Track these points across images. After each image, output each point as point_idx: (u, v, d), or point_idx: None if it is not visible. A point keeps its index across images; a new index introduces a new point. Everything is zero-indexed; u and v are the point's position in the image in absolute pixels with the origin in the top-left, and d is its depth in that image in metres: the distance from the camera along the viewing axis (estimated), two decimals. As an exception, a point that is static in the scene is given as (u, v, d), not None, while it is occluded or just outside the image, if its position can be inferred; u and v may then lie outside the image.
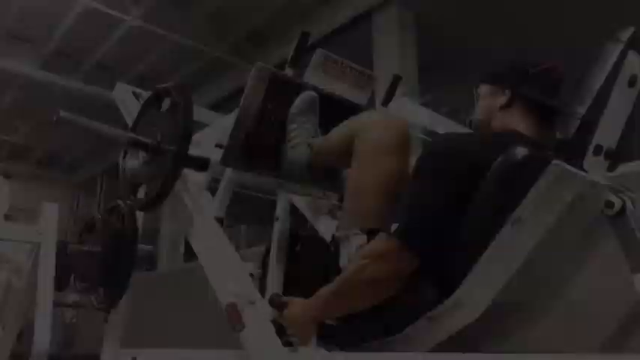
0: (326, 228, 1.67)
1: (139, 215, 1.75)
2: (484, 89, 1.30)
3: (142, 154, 1.53)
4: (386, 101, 1.89)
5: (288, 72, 1.56)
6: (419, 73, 3.58)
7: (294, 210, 1.82)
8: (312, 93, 1.53)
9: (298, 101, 1.51)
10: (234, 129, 1.45)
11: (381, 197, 1.15)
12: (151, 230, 6.31)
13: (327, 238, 1.61)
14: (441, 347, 1.02)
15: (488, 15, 3.79)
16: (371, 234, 1.12)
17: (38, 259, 2.41)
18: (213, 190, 1.59)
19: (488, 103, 1.27)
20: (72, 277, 1.81)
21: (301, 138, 1.48)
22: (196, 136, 1.57)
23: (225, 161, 1.47)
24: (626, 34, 0.97)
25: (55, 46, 4.72)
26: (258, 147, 1.49)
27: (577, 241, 1.13)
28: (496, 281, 0.94)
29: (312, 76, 1.60)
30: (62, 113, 1.37)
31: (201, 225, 1.42)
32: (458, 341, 1.03)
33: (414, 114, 3.60)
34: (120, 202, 1.76)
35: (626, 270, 0.85)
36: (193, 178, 1.56)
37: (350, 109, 1.62)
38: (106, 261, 1.64)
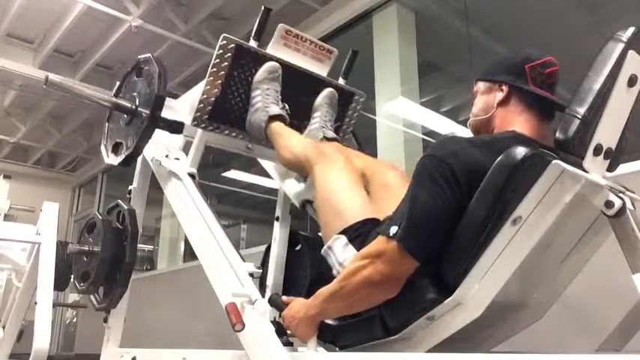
0: (293, 190, 1.82)
1: (139, 215, 1.75)
2: (481, 86, 1.29)
3: (122, 117, 1.69)
4: (345, 74, 1.95)
5: (252, 43, 1.67)
6: (419, 73, 3.58)
7: (294, 210, 1.82)
8: (275, 63, 1.67)
9: (262, 70, 1.65)
10: (203, 93, 1.61)
11: (346, 202, 1.28)
12: (151, 230, 6.31)
13: (295, 200, 1.80)
14: (441, 347, 1.02)
15: (489, 14, 3.78)
16: (345, 233, 1.21)
17: (38, 259, 2.42)
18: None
19: (486, 99, 1.26)
20: (72, 277, 1.81)
21: (262, 103, 1.63)
22: (173, 103, 1.77)
23: (195, 122, 1.63)
24: (626, 34, 0.97)
25: (55, 46, 4.71)
26: (225, 110, 1.65)
27: (577, 240, 1.13)
28: (496, 281, 0.94)
29: (274, 49, 1.74)
30: (51, 76, 1.52)
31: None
32: (458, 341, 1.03)
33: (414, 114, 3.62)
34: (120, 202, 1.77)
35: (626, 270, 0.85)
36: (170, 141, 1.74)
37: (309, 79, 1.77)
38: (106, 261, 1.64)
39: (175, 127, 1.66)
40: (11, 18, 4.31)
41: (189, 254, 5.21)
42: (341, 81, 1.92)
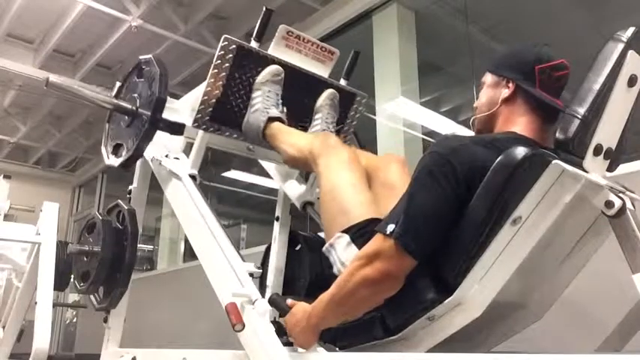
0: (294, 191, 1.82)
1: (139, 215, 1.75)
2: (489, 78, 1.27)
3: (123, 119, 1.68)
4: (347, 75, 1.95)
5: (254, 44, 1.66)
6: (419, 73, 3.58)
7: (294, 210, 1.82)
8: (279, 67, 1.65)
9: (265, 72, 1.64)
10: (204, 94, 1.59)
11: (351, 202, 1.26)
12: (151, 230, 6.31)
13: (296, 202, 1.79)
14: (441, 347, 1.02)
15: (489, 14, 3.79)
16: (348, 232, 1.20)
17: (38, 259, 2.42)
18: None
19: (492, 94, 1.24)
20: (72, 277, 1.81)
21: (262, 104, 1.62)
22: (174, 104, 1.76)
23: (196, 123, 1.61)
24: (626, 34, 0.97)
25: (55, 46, 4.71)
26: (226, 112, 1.64)
27: (577, 240, 1.13)
28: (496, 281, 0.94)
29: (276, 50, 1.73)
30: (51, 78, 1.51)
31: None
32: (458, 341, 1.03)
33: (414, 114, 3.62)
34: (120, 202, 1.77)
35: (626, 270, 0.85)
36: (171, 142, 1.74)
37: (311, 81, 1.76)
38: (106, 261, 1.64)
39: (176, 128, 1.65)
40: (11, 18, 4.31)
41: (189, 254, 5.21)
42: (342, 82, 1.91)
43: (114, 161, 1.67)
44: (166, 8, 4.19)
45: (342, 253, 1.19)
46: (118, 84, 1.80)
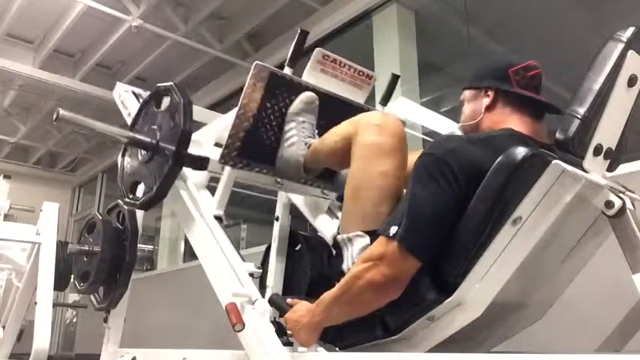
0: (325, 227, 1.63)
1: (139, 215, 1.75)
2: (467, 94, 1.31)
3: (141, 153, 1.54)
4: (385, 100, 1.88)
5: (287, 71, 1.55)
6: (419, 73, 3.58)
7: (294, 210, 1.82)
8: (312, 94, 1.51)
9: (297, 101, 1.50)
10: (232, 128, 1.44)
11: (381, 198, 1.15)
12: (151, 230, 6.31)
13: (327, 237, 1.59)
14: (441, 347, 1.02)
15: (489, 14, 3.79)
16: (373, 235, 1.11)
17: (38, 259, 2.42)
18: (213, 189, 1.59)
19: (473, 107, 1.28)
20: (72, 277, 1.81)
21: (298, 137, 1.47)
22: (195, 135, 1.56)
23: (223, 160, 1.46)
24: (626, 34, 0.97)
25: (55, 46, 4.71)
26: (256, 146, 1.48)
27: (577, 240, 1.13)
28: (496, 281, 0.94)
29: (311, 75, 1.62)
30: (62, 112, 1.37)
31: (201, 224, 1.42)
32: (458, 341, 1.03)
33: (414, 114, 3.62)
34: (120, 202, 1.76)
35: (626, 270, 0.85)
36: (193, 176, 1.56)
37: (348, 108, 1.61)
38: (106, 261, 1.64)
39: (200, 163, 1.50)
40: (11, 18, 4.31)
41: (189, 254, 5.21)
42: (379, 107, 1.84)
43: (133, 202, 1.53)
44: (166, 8, 4.19)
45: (358, 253, 1.13)
46: (132, 114, 1.65)
